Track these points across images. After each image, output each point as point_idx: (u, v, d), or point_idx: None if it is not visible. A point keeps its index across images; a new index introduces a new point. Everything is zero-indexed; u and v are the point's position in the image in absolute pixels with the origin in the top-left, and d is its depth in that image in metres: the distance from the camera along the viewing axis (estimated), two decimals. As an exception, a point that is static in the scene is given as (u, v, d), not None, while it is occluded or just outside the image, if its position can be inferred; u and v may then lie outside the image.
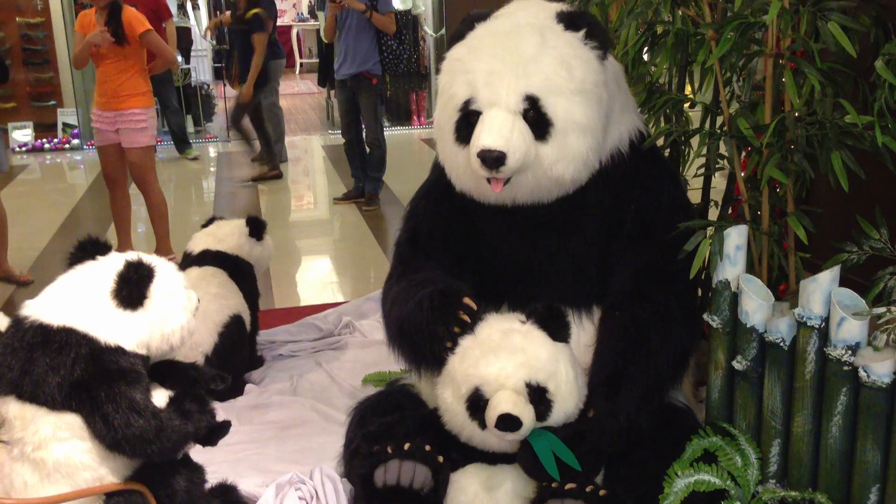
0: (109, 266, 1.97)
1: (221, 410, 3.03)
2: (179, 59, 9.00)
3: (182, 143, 8.56)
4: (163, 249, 5.21)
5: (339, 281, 5.17)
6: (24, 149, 9.43)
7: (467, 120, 2.22)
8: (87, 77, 9.17)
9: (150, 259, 2.00)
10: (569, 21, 2.26)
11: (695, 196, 2.95)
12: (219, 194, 7.43)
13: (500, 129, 2.13)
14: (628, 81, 2.68)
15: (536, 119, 2.17)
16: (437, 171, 2.51)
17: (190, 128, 8.79)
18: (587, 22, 2.26)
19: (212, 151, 9.43)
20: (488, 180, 2.21)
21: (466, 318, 2.19)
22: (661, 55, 2.62)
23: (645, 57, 2.79)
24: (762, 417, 2.31)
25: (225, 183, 7.88)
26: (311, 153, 9.48)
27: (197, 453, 2.14)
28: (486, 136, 2.13)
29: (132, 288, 1.93)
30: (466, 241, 2.47)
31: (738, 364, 2.32)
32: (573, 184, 2.28)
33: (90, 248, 2.03)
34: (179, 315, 2.01)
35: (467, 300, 2.21)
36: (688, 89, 2.90)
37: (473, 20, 2.34)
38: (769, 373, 2.26)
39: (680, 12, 2.62)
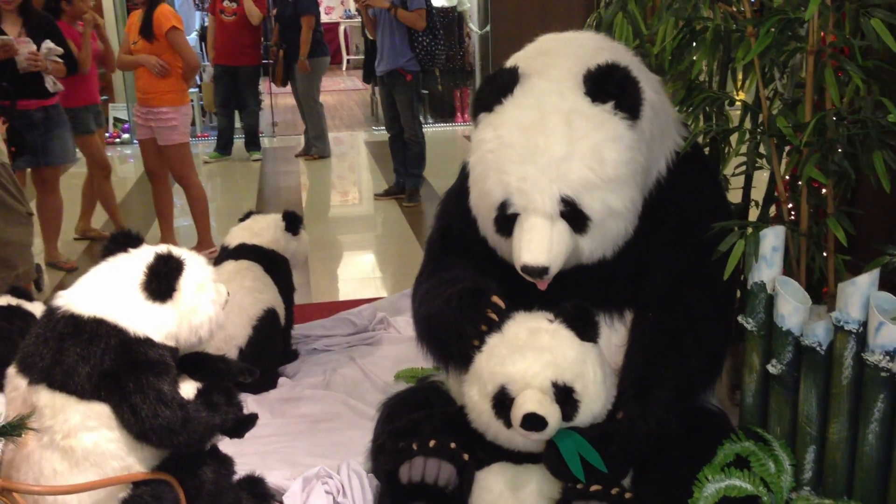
0: (141, 258, 2.00)
1: (254, 403, 3.08)
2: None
3: (250, 144, 8.65)
4: (204, 243, 5.28)
5: (377, 277, 5.18)
6: (76, 142, 9.63)
7: (506, 218, 2.20)
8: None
9: (180, 252, 2.03)
10: (595, 90, 2.16)
11: (735, 195, 2.90)
12: (262, 189, 7.50)
13: (539, 243, 2.12)
14: (665, 80, 2.64)
15: (574, 215, 2.15)
16: (468, 171, 2.50)
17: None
18: (616, 84, 2.16)
19: (257, 146, 9.53)
20: None
21: (494, 316, 2.18)
22: (700, 52, 2.57)
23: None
24: (797, 423, 2.26)
25: (269, 177, 7.96)
26: (355, 149, 9.53)
27: (227, 445, 2.17)
28: (527, 253, 2.12)
29: (162, 280, 1.95)
30: None
31: (773, 368, 2.27)
32: None
33: (122, 241, 2.07)
34: (208, 308, 2.03)
35: (495, 298, 2.19)
36: (732, 87, 2.84)
37: (499, 91, 2.24)
38: (805, 378, 2.21)
39: (720, 8, 2.56)
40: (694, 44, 2.60)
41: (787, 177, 2.65)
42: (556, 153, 2.11)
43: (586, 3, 5.26)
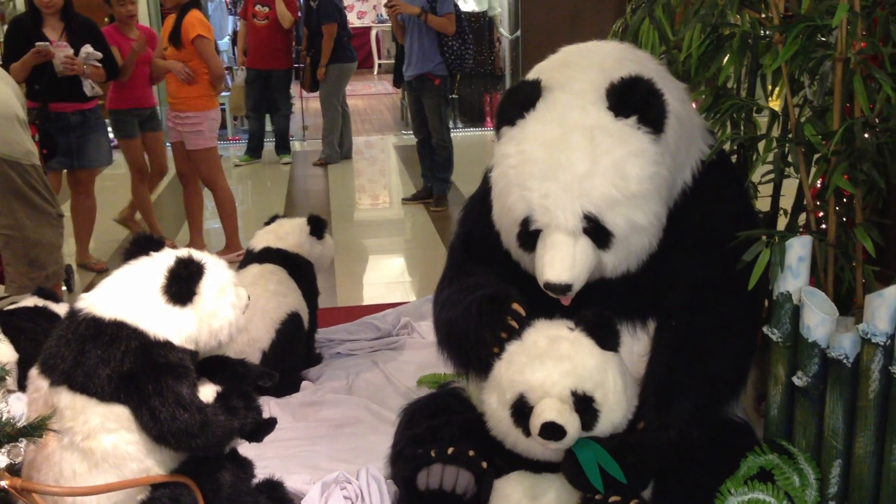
0: (162, 262, 2.01)
1: (277, 406, 3.09)
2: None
3: (280, 147, 8.71)
4: (232, 246, 5.32)
5: (403, 281, 5.19)
6: (112, 144, 9.74)
7: (529, 234, 2.19)
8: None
9: (201, 256, 2.04)
10: (618, 104, 2.13)
11: (765, 204, 2.86)
12: (291, 192, 7.54)
13: (562, 261, 2.10)
14: (692, 87, 2.61)
15: (597, 231, 2.13)
16: (490, 178, 2.48)
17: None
18: (639, 98, 2.13)
19: (287, 149, 9.59)
20: None
21: (514, 323, 2.17)
22: (727, 59, 2.54)
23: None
24: (823, 436, 2.23)
25: (298, 181, 8.00)
26: (385, 153, 9.56)
27: (249, 448, 2.17)
28: (550, 270, 2.11)
29: (182, 284, 1.96)
30: None
31: (799, 380, 2.23)
32: None
33: (144, 244, 2.08)
34: (228, 312, 2.03)
35: (516, 306, 2.18)
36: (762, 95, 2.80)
37: (522, 106, 2.22)
38: (831, 390, 2.18)
39: (747, 14, 2.53)
40: (720, 50, 2.57)
41: (818, 185, 2.61)
42: (578, 170, 2.09)
43: (617, 8, 5.22)
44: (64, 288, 4.34)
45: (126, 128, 5.47)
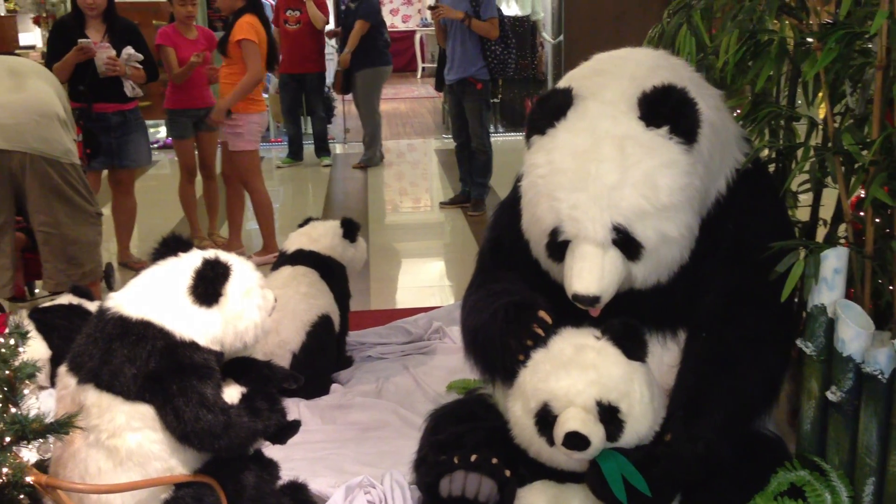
0: (189, 263, 2.03)
1: (306, 408, 3.10)
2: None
3: (320, 149, 8.74)
4: (269, 248, 5.36)
5: (439, 285, 5.18)
6: (156, 145, 9.88)
7: (557, 244, 2.17)
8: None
9: (228, 258, 2.05)
10: (650, 114, 2.10)
11: (805, 213, 2.80)
12: (330, 194, 7.59)
13: (590, 272, 2.07)
14: (727, 94, 2.57)
15: (626, 243, 2.10)
16: (520, 185, 2.47)
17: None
18: (671, 107, 2.10)
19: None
20: None
21: (540, 331, 2.14)
22: (765, 65, 2.50)
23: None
24: (856, 453, 2.17)
25: (338, 183, 8.05)
26: (427, 156, 9.57)
27: (277, 450, 2.18)
28: (578, 282, 2.09)
29: (208, 285, 1.98)
30: None
31: (832, 395, 2.18)
32: None
33: (173, 245, 2.10)
34: (254, 314, 2.05)
35: (542, 313, 2.16)
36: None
37: (552, 115, 2.20)
38: (865, 406, 2.13)
39: (786, 21, 2.48)
40: (758, 57, 2.52)
41: (861, 194, 2.55)
42: (607, 180, 2.06)
43: (661, 12, 5.17)
44: (104, 286, 4.40)
45: (179, 127, 5.55)
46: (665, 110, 2.10)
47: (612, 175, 2.07)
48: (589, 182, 2.08)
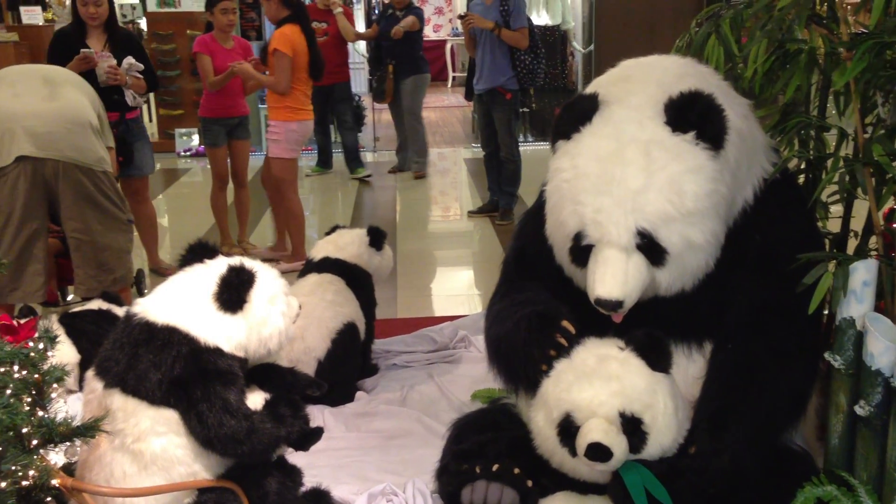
0: (215, 269, 2.05)
1: (330, 416, 3.11)
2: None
3: (353, 161, 8.54)
4: (298, 255, 5.39)
5: (465, 294, 5.18)
6: (188, 153, 10.00)
7: (581, 249, 2.16)
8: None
9: (253, 264, 2.07)
10: (676, 119, 2.10)
11: (835, 225, 2.76)
12: (359, 202, 7.62)
13: (613, 277, 2.07)
14: (756, 104, 2.55)
15: (651, 248, 2.09)
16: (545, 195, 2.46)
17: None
18: (697, 113, 2.09)
19: (359, 160, 9.69)
20: None
21: (563, 341, 2.14)
22: (795, 75, 2.47)
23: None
24: (885, 469, 2.13)
25: (366, 191, 8.08)
26: (457, 165, 9.58)
27: (300, 456, 2.19)
28: (601, 286, 2.08)
29: (233, 292, 2.00)
30: None
31: (861, 409, 2.15)
32: None
33: (199, 252, 2.13)
34: (278, 320, 2.06)
35: (565, 323, 2.16)
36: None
37: (578, 120, 2.20)
38: (894, 421, 2.09)
39: (816, 31, 2.45)
40: (787, 66, 2.50)
41: (893, 206, 2.52)
42: (632, 185, 2.06)
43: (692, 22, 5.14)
44: (135, 291, 4.46)
45: (212, 135, 5.62)
46: (692, 116, 2.09)
47: (637, 179, 2.06)
48: (613, 186, 2.07)
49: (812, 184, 2.79)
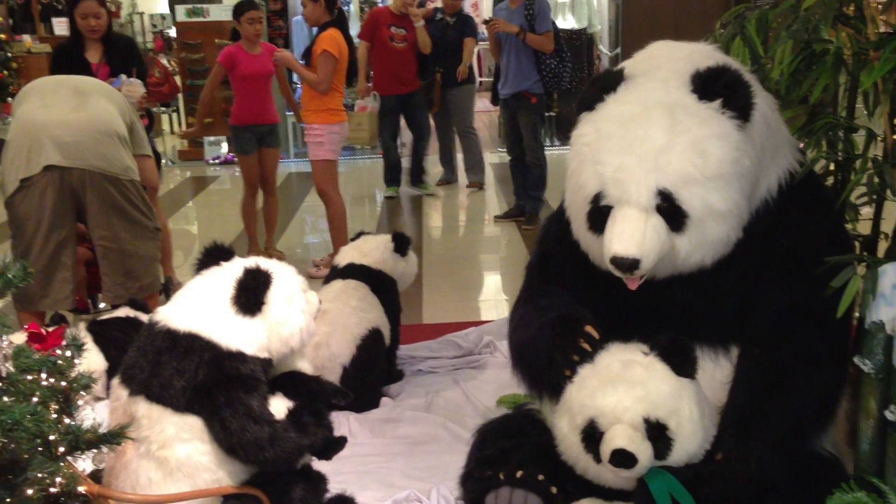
0: (232, 272, 2.06)
1: (356, 422, 3.12)
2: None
3: (420, 174, 8.14)
4: (337, 257, 5.41)
5: (492, 299, 5.17)
6: (217, 161, 10.08)
7: (599, 211, 2.13)
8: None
9: (269, 265, 2.08)
10: (703, 88, 2.08)
11: (866, 227, 2.72)
12: (385, 208, 7.63)
13: (631, 235, 2.02)
14: (783, 105, 2.52)
15: (671, 211, 2.05)
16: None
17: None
18: (724, 84, 2.08)
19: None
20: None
21: (587, 346, 2.12)
22: (822, 76, 2.44)
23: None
24: (917, 475, 2.09)
25: (395, 197, 8.06)
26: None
27: (325, 463, 2.19)
28: (618, 243, 2.03)
29: (250, 295, 2.01)
30: (596, 270, 2.39)
31: (892, 415, 2.11)
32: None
33: (214, 254, 2.13)
34: (298, 319, 2.06)
35: (589, 328, 2.14)
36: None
37: (602, 89, 2.19)
38: (926, 427, 2.05)
39: (842, 31, 2.42)
40: (814, 67, 2.46)
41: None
42: (655, 143, 2.03)
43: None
44: (163, 299, 4.49)
45: (243, 143, 5.67)
46: (718, 86, 2.08)
47: (660, 139, 2.04)
48: (636, 145, 2.05)
49: (841, 185, 2.75)
